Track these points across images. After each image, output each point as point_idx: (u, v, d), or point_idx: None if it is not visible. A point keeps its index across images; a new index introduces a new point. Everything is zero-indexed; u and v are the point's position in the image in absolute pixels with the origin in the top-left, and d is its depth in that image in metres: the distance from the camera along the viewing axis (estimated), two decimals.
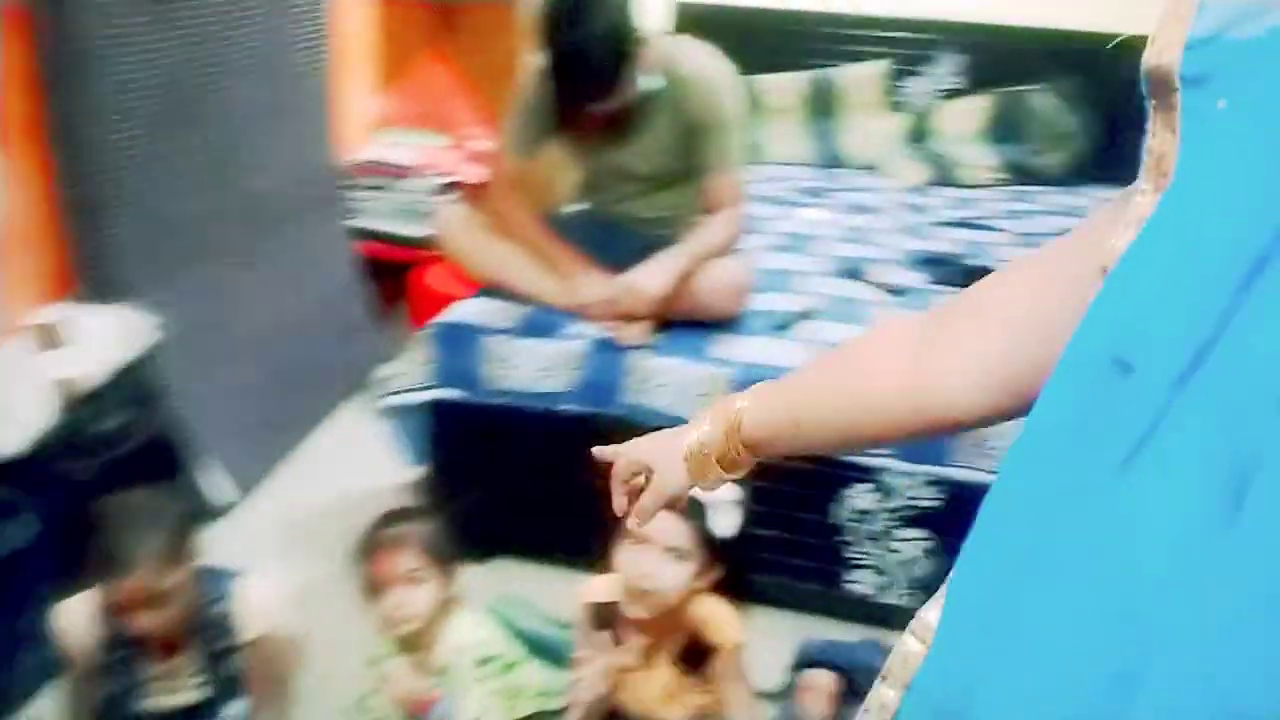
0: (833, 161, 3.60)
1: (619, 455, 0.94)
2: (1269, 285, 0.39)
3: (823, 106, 3.62)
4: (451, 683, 1.42)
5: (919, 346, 0.71)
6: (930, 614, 0.58)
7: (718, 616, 1.50)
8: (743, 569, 1.58)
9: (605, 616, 1.51)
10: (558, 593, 2.01)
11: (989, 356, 0.66)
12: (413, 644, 1.48)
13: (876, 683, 0.61)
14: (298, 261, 2.72)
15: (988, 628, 0.49)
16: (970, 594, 0.53)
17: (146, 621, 1.41)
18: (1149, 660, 0.39)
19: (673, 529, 1.40)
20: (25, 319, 2.00)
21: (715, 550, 1.45)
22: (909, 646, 0.59)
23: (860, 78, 3.60)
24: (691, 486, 0.89)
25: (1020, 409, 0.66)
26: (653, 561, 1.41)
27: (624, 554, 1.46)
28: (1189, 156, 0.46)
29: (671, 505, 0.92)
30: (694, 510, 1.41)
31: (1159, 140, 0.48)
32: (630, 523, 0.93)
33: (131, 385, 2.06)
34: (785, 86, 3.62)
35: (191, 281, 2.31)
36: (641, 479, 0.92)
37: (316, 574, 2.10)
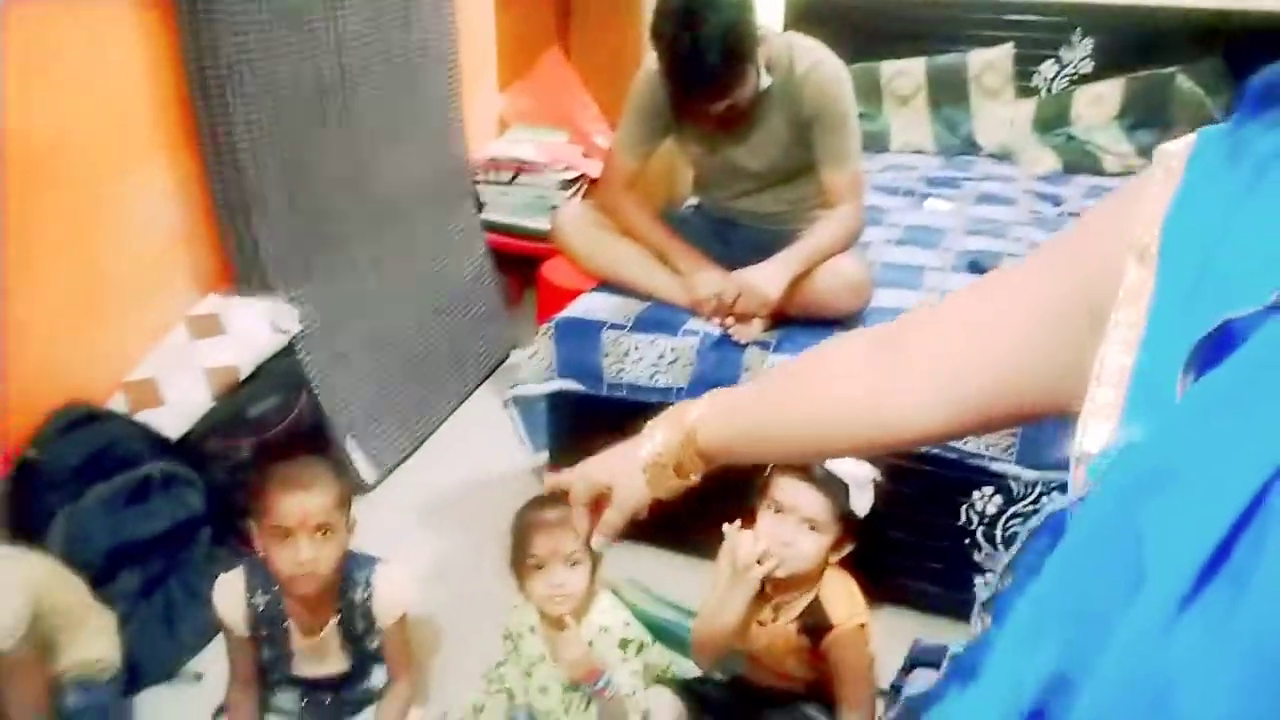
0: (960, 150, 3.50)
1: (575, 480, 0.97)
2: None
3: (949, 93, 3.52)
4: (601, 659, 1.50)
5: (877, 363, 0.71)
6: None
7: (843, 594, 1.55)
8: (874, 569, 1.61)
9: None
10: (671, 579, 2.07)
11: (946, 373, 0.65)
12: (561, 622, 1.56)
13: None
14: (432, 254, 2.84)
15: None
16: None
17: (303, 586, 1.51)
18: None
19: (812, 501, 1.47)
20: (186, 311, 2.17)
21: (849, 527, 1.51)
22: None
23: (988, 62, 3.49)
24: (652, 497, 0.92)
25: (985, 426, 0.67)
26: (790, 530, 1.49)
27: (764, 520, 1.52)
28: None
29: (633, 517, 0.95)
30: (833, 486, 1.45)
31: None
32: (596, 542, 0.96)
33: (279, 373, 2.21)
34: (910, 72, 3.54)
35: (333, 275, 2.45)
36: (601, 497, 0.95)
37: (449, 553, 2.22)
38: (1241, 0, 3.22)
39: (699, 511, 1.69)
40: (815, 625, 1.54)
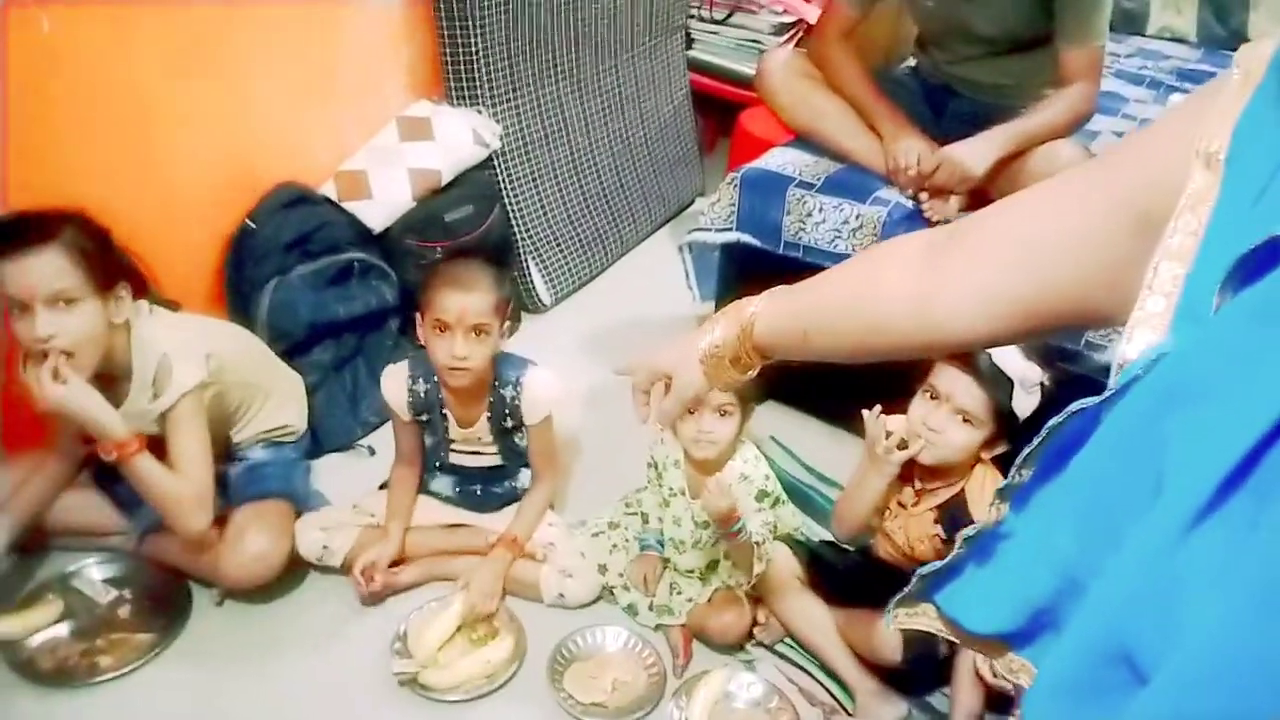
0: (1227, 44, 3.11)
1: (638, 366, 0.99)
2: None
3: None
4: (740, 506, 1.57)
5: (927, 265, 0.69)
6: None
7: (984, 492, 1.51)
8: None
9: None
10: (816, 444, 2.09)
11: (988, 276, 0.63)
12: (708, 466, 1.62)
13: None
14: (635, 87, 2.83)
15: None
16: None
17: (456, 379, 1.61)
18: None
19: (970, 393, 1.42)
20: (398, 111, 2.27)
21: (1006, 426, 1.45)
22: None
23: None
24: (709, 388, 0.94)
25: (1026, 335, 0.66)
26: (942, 419, 1.45)
27: (917, 404, 1.49)
28: None
29: (691, 407, 0.98)
30: (996, 382, 1.41)
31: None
32: (652, 425, 0.99)
33: (475, 184, 2.31)
34: None
35: (538, 95, 2.49)
36: (662, 385, 0.98)
37: (605, 382, 2.31)
38: None
39: (853, 384, 1.68)
40: (955, 518, 1.52)
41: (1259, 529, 0.36)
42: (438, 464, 1.79)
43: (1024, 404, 1.44)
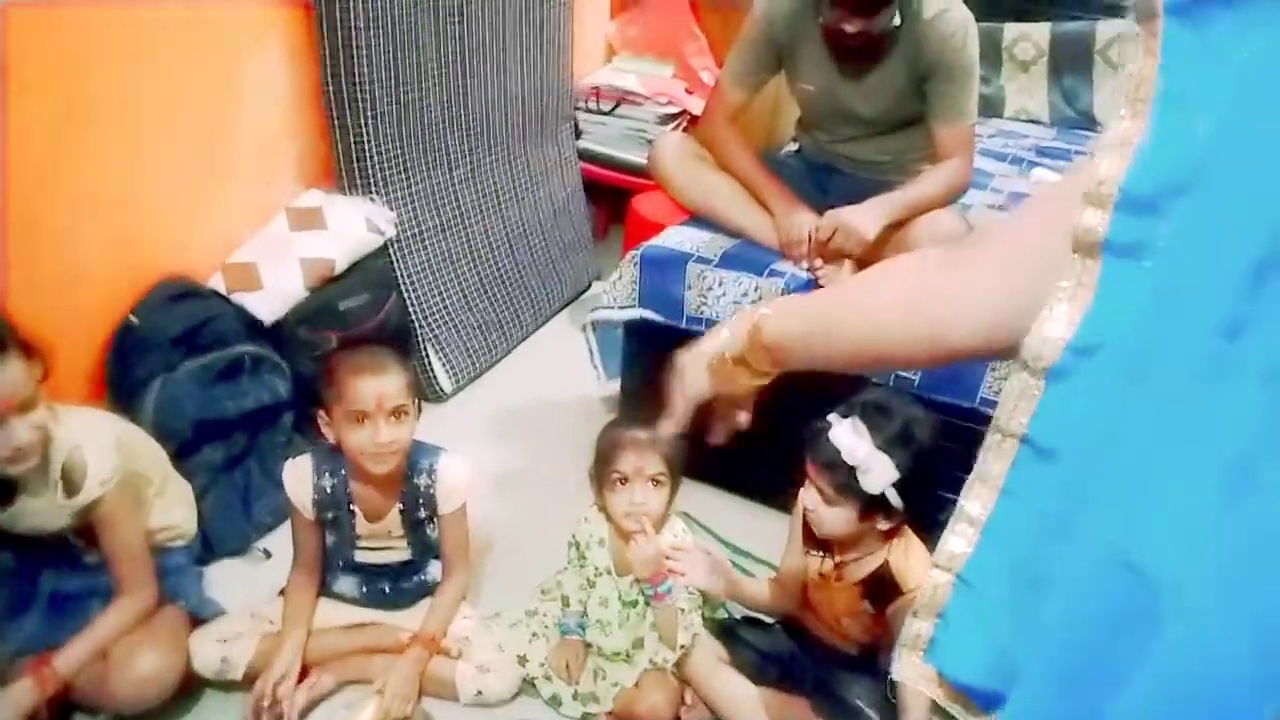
0: (1077, 124, 3.37)
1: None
2: None
3: (1072, 62, 3.38)
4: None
5: (930, 273, 0.70)
6: (952, 544, 0.59)
7: (911, 562, 1.52)
8: (930, 529, 1.58)
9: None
10: (734, 521, 2.08)
11: (990, 292, 0.64)
12: (631, 537, 1.59)
13: (908, 618, 0.63)
14: (528, 176, 2.86)
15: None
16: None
17: (379, 465, 1.56)
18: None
19: (820, 477, 1.47)
20: (289, 202, 2.23)
21: (880, 502, 1.46)
22: (937, 579, 0.60)
23: (1117, 33, 3.33)
24: (715, 391, 0.94)
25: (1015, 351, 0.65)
26: (813, 499, 1.49)
27: (804, 489, 1.53)
28: (1168, 84, 0.46)
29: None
30: (837, 466, 1.43)
31: (1140, 65, 0.48)
32: (662, 428, 1.00)
33: (370, 273, 2.27)
34: (1033, 38, 3.41)
35: (432, 184, 2.49)
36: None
37: (513, 469, 2.27)
38: None
39: (765, 458, 1.69)
40: (882, 590, 1.52)
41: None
42: (341, 563, 1.71)
43: (870, 483, 1.44)
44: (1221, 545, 0.38)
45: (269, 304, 2.06)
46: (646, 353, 2.20)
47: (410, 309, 2.40)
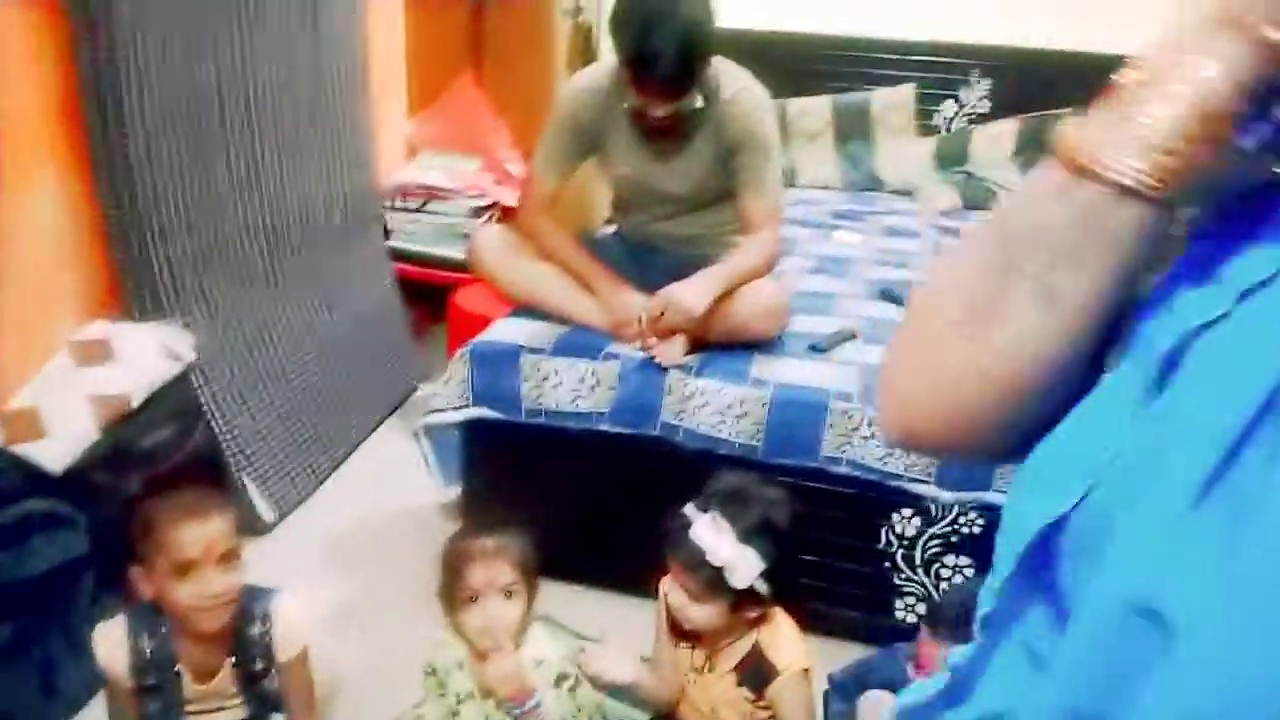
0: (866, 185, 3.59)
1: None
2: None
3: (854, 131, 3.62)
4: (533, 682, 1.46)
5: None
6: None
7: (781, 641, 1.51)
8: (794, 595, 1.58)
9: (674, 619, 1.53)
10: (596, 616, 2.00)
11: None
12: (490, 656, 1.49)
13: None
14: (337, 282, 2.73)
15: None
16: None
17: (212, 620, 1.42)
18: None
19: (687, 578, 1.44)
20: (70, 335, 2.02)
21: (741, 592, 1.44)
22: None
23: (891, 102, 3.60)
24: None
25: None
26: (679, 598, 1.46)
27: (667, 584, 1.50)
28: None
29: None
30: (703, 565, 1.41)
31: None
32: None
33: (172, 403, 2.08)
34: (816, 111, 3.62)
35: (232, 301, 2.33)
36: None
37: (354, 595, 2.11)
38: (1124, 48, 3.39)
39: (622, 546, 1.63)
40: (757, 673, 1.49)
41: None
42: None
43: (738, 577, 1.42)
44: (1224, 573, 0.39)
45: (56, 451, 1.83)
46: (486, 453, 2.12)
47: (221, 438, 2.21)
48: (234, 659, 1.49)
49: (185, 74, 2.10)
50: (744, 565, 1.40)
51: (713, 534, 1.40)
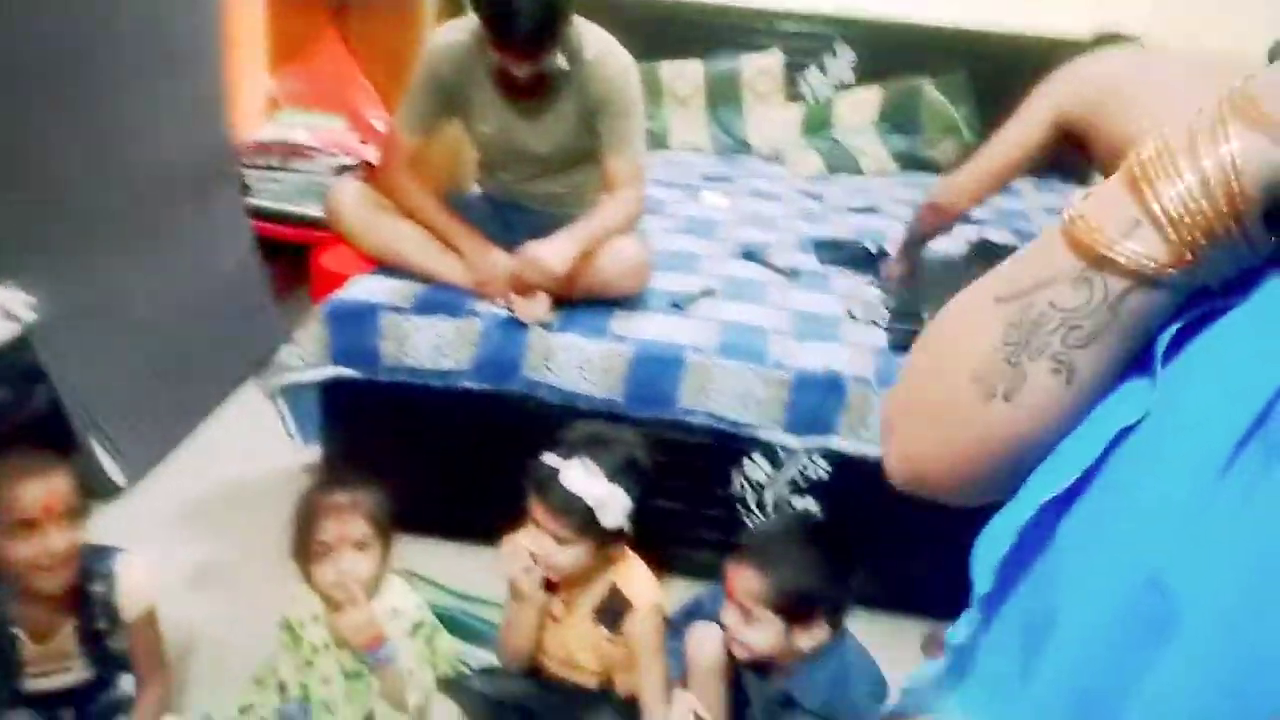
0: (734, 149, 3.66)
1: None
2: None
3: (724, 95, 3.67)
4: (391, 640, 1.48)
5: None
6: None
7: (635, 579, 1.58)
8: (652, 540, 1.64)
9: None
10: (458, 568, 2.02)
11: None
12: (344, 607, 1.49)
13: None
14: (193, 242, 2.64)
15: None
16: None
17: (54, 579, 1.40)
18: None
19: (555, 521, 1.49)
20: None
21: (608, 532, 1.50)
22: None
23: (759, 68, 3.66)
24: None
25: None
26: (544, 544, 1.51)
27: (525, 532, 1.54)
28: None
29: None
30: (574, 508, 1.47)
31: None
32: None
33: (11, 364, 1.99)
34: (686, 74, 3.66)
35: (76, 260, 2.22)
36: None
37: (210, 557, 2.07)
38: (981, 22, 3.55)
39: (483, 500, 1.65)
40: (614, 611, 1.55)
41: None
42: (11, 697, 1.47)
43: (608, 518, 1.49)
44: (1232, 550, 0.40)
45: None
46: (347, 411, 2.10)
47: (65, 400, 2.12)
48: (75, 620, 1.46)
49: (22, 30, 1.99)
50: (614, 503, 1.47)
51: (583, 477, 1.46)
